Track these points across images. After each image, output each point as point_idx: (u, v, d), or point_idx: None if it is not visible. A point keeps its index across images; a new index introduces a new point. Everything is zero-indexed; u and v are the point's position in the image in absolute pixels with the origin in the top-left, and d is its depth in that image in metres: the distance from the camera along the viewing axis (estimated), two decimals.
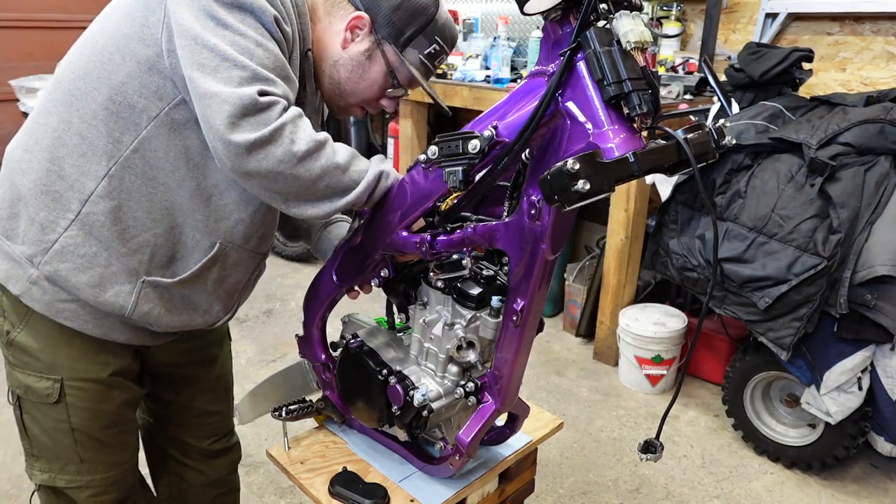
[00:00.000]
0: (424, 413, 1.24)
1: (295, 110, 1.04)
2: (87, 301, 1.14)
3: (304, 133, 1.03)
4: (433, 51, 1.23)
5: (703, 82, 2.73)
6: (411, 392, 1.25)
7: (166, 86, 1.06)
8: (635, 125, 0.91)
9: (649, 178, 2.54)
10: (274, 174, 1.01)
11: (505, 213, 1.12)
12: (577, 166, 0.81)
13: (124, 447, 1.34)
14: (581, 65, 0.91)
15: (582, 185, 0.81)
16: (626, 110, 0.89)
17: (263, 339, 3.22)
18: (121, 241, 1.13)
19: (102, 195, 1.10)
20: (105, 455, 1.29)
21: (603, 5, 0.89)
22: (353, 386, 1.41)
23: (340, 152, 1.10)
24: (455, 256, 1.22)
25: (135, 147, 1.09)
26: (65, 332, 1.18)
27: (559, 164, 0.83)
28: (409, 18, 1.19)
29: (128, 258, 1.14)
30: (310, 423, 1.61)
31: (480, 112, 1.08)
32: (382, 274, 1.33)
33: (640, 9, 0.91)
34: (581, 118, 0.91)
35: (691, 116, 2.40)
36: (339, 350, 1.44)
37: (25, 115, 3.70)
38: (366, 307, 1.47)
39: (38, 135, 1.13)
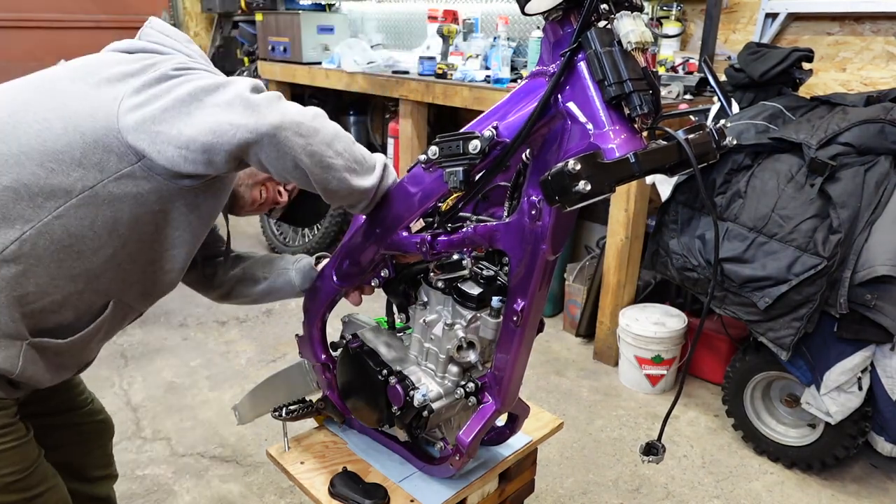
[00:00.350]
0: (425, 413, 1.24)
1: None
2: None
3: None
4: None
5: (703, 82, 2.73)
6: (411, 392, 1.25)
7: (110, 159, 1.05)
8: (636, 126, 0.91)
9: (649, 179, 2.54)
10: (297, 122, 1.07)
11: (505, 214, 1.12)
12: (578, 167, 0.81)
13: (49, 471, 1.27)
14: (582, 65, 0.91)
15: (583, 185, 0.81)
16: (626, 111, 0.89)
17: (263, 339, 3.22)
18: (17, 305, 1.06)
19: (9, 259, 1.03)
20: (50, 479, 1.23)
21: (604, 6, 0.89)
22: (353, 386, 1.41)
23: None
24: (455, 257, 1.22)
25: (58, 213, 1.05)
26: None
27: (560, 164, 0.83)
28: None
29: (18, 323, 1.07)
30: (310, 423, 1.61)
31: (481, 112, 1.08)
32: (382, 274, 1.33)
33: (641, 9, 0.91)
34: (582, 118, 0.91)
35: (691, 116, 2.40)
36: (339, 350, 1.45)
37: None
38: (366, 307, 1.47)
39: None
